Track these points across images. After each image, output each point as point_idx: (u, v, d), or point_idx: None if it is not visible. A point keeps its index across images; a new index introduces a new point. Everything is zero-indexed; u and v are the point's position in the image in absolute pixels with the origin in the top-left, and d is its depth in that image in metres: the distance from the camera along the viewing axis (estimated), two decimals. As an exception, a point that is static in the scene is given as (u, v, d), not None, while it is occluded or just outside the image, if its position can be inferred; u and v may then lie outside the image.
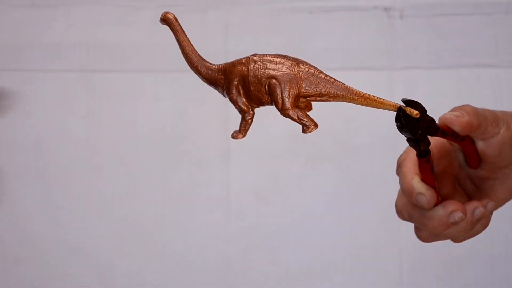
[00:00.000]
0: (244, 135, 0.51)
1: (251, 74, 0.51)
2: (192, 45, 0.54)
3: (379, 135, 1.01)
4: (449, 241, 1.05)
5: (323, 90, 0.52)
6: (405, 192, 0.53)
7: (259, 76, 0.50)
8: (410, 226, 1.01)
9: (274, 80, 0.50)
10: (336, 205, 1.02)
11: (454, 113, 0.51)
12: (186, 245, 1.02)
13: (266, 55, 0.51)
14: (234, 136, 0.51)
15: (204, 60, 0.54)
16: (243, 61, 0.52)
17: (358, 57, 1.03)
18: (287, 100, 0.50)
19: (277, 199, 1.02)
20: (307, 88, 0.52)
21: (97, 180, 1.03)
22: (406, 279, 1.01)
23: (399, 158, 0.55)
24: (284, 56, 0.51)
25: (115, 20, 1.04)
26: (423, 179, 0.52)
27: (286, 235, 1.02)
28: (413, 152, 0.53)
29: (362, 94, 0.52)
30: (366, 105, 0.52)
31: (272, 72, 0.50)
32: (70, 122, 1.03)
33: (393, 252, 1.01)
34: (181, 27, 0.54)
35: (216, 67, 0.54)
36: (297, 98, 0.51)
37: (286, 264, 1.02)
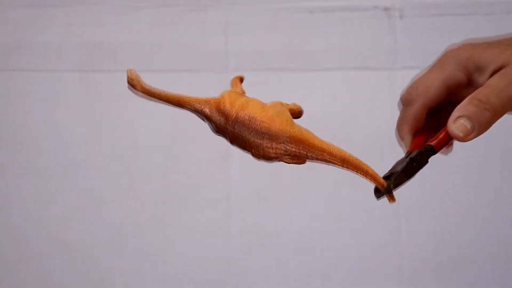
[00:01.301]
0: None
1: (249, 148, 0.52)
2: (171, 96, 0.55)
3: (379, 135, 1.01)
4: (448, 242, 1.05)
5: (319, 159, 0.54)
6: (396, 129, 0.56)
7: (263, 156, 0.52)
8: (410, 226, 1.02)
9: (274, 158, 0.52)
10: (336, 205, 1.02)
11: (460, 130, 0.51)
12: (186, 245, 1.02)
13: (258, 131, 0.51)
14: None
15: (190, 101, 0.55)
16: (235, 131, 0.52)
17: (358, 57, 1.03)
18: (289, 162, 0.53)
19: (277, 199, 1.02)
20: (304, 159, 0.53)
21: (97, 180, 1.03)
22: (406, 279, 1.01)
23: (408, 94, 0.55)
24: (278, 138, 0.51)
25: (115, 20, 1.04)
26: (414, 139, 0.54)
27: (286, 235, 1.02)
28: (422, 101, 0.54)
29: (355, 162, 0.54)
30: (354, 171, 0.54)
31: (271, 154, 0.52)
32: (70, 122, 1.03)
33: (393, 252, 1.01)
34: (151, 91, 0.55)
35: (202, 110, 0.54)
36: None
37: (286, 264, 1.02)
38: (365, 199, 1.02)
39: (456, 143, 0.56)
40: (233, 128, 0.51)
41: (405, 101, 0.55)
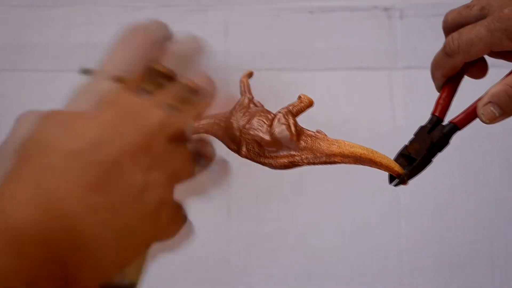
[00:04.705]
0: None
1: (264, 165, 0.57)
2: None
3: (379, 135, 1.01)
4: (448, 242, 1.05)
5: (332, 163, 0.58)
6: (431, 67, 0.58)
7: (278, 168, 0.58)
8: (410, 226, 1.02)
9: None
10: (336, 205, 1.02)
11: (487, 117, 0.52)
12: (185, 245, 1.02)
13: (268, 157, 0.55)
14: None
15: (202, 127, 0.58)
16: (248, 157, 0.57)
17: (358, 57, 1.03)
18: None
19: (277, 199, 1.02)
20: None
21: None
22: (406, 279, 1.01)
23: (451, 43, 0.55)
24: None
25: (115, 20, 1.04)
26: (444, 92, 0.57)
27: (286, 235, 1.02)
28: (461, 57, 0.54)
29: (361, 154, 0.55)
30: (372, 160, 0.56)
31: (285, 168, 0.57)
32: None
33: (393, 252, 1.01)
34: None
35: (214, 134, 0.59)
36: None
37: (286, 264, 1.02)
38: (365, 199, 1.02)
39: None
40: (246, 157, 0.56)
41: (447, 49, 0.55)
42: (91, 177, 0.34)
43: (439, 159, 1.02)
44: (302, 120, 0.61)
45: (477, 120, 0.55)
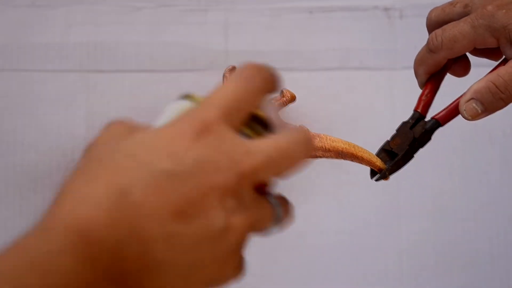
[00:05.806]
0: None
1: None
2: None
3: (379, 135, 1.01)
4: (448, 242, 1.05)
5: (313, 157, 0.57)
6: (414, 63, 0.58)
7: None
8: (410, 226, 1.02)
9: None
10: (336, 205, 1.02)
11: (470, 114, 0.52)
12: None
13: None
14: None
15: None
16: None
17: (358, 57, 1.03)
18: None
19: (277, 199, 1.02)
20: None
21: (97, 180, 1.02)
22: (406, 279, 1.01)
23: (435, 39, 0.55)
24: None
25: (115, 20, 1.04)
26: (427, 88, 0.57)
27: (286, 235, 1.02)
28: (445, 53, 0.54)
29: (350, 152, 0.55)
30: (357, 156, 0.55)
31: None
32: (70, 122, 1.03)
33: (393, 252, 1.01)
34: None
35: None
36: None
37: (286, 264, 1.02)
38: (365, 199, 1.02)
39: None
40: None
41: (430, 45, 0.55)
42: (177, 202, 0.33)
43: (440, 159, 1.02)
44: (303, 120, 0.61)
45: (478, 121, 0.55)
